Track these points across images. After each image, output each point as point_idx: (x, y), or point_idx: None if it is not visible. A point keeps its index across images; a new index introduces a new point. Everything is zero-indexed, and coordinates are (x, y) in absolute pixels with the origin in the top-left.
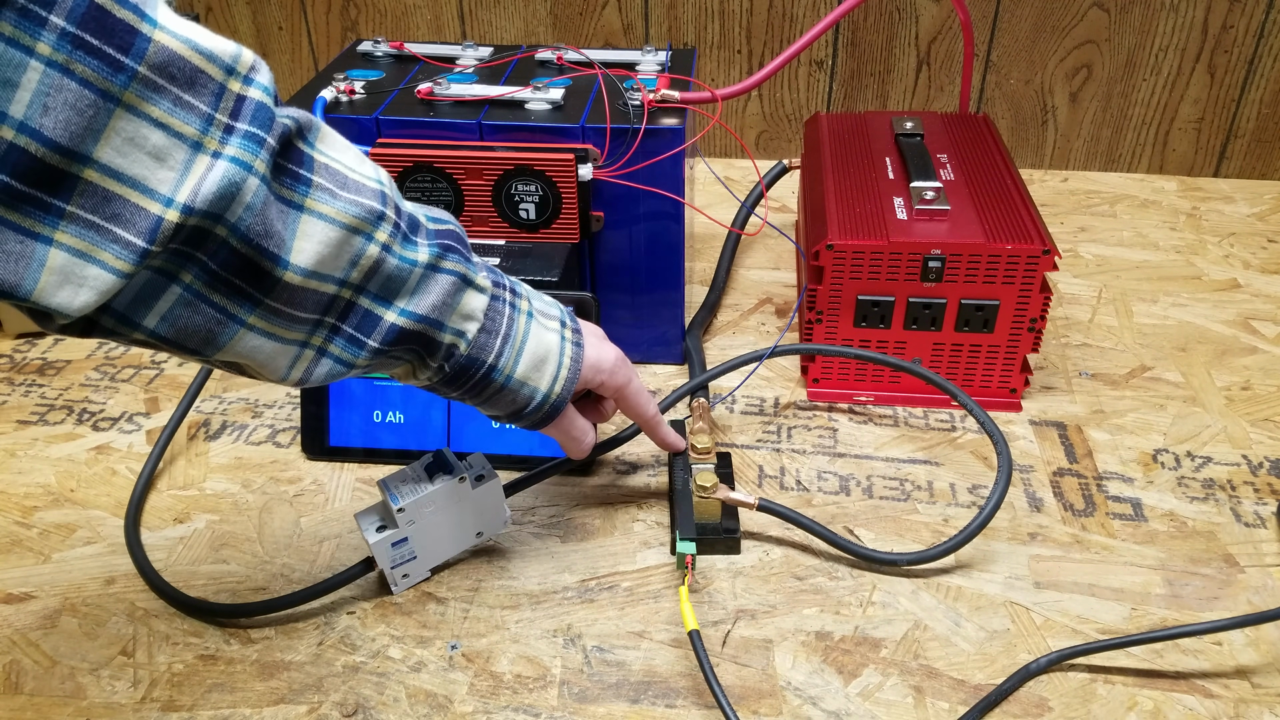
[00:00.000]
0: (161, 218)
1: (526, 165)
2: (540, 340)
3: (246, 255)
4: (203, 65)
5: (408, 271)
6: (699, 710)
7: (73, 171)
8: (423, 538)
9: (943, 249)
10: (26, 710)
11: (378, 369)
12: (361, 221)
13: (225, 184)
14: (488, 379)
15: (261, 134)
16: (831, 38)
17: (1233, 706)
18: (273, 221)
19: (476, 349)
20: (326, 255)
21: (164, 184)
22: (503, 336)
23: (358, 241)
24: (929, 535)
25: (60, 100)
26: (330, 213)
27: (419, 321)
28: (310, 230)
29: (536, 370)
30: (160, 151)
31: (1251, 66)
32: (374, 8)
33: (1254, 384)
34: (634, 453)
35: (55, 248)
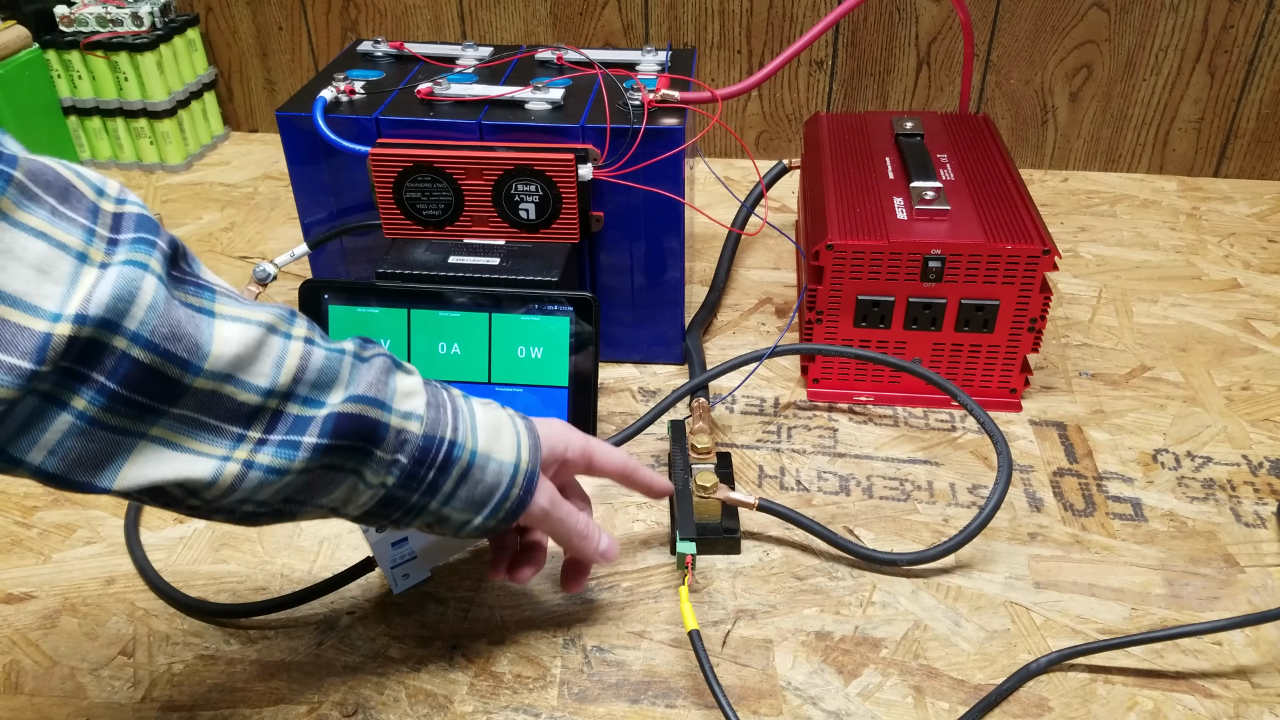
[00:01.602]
0: (50, 334)
1: (526, 165)
2: (487, 411)
3: (151, 365)
4: (74, 180)
5: (337, 361)
6: (699, 710)
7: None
8: (423, 538)
9: (943, 249)
10: (26, 710)
11: (314, 486)
12: (277, 319)
13: (121, 285)
14: (450, 459)
15: (151, 238)
16: (831, 38)
17: (1233, 706)
18: (181, 324)
19: (430, 425)
20: (245, 355)
21: (50, 299)
22: (452, 410)
23: (277, 341)
24: (929, 535)
25: None
26: (244, 314)
27: (358, 403)
28: (228, 334)
29: (497, 441)
30: (42, 264)
31: (1251, 66)
32: (374, 8)
33: (1254, 384)
34: (634, 452)
35: None
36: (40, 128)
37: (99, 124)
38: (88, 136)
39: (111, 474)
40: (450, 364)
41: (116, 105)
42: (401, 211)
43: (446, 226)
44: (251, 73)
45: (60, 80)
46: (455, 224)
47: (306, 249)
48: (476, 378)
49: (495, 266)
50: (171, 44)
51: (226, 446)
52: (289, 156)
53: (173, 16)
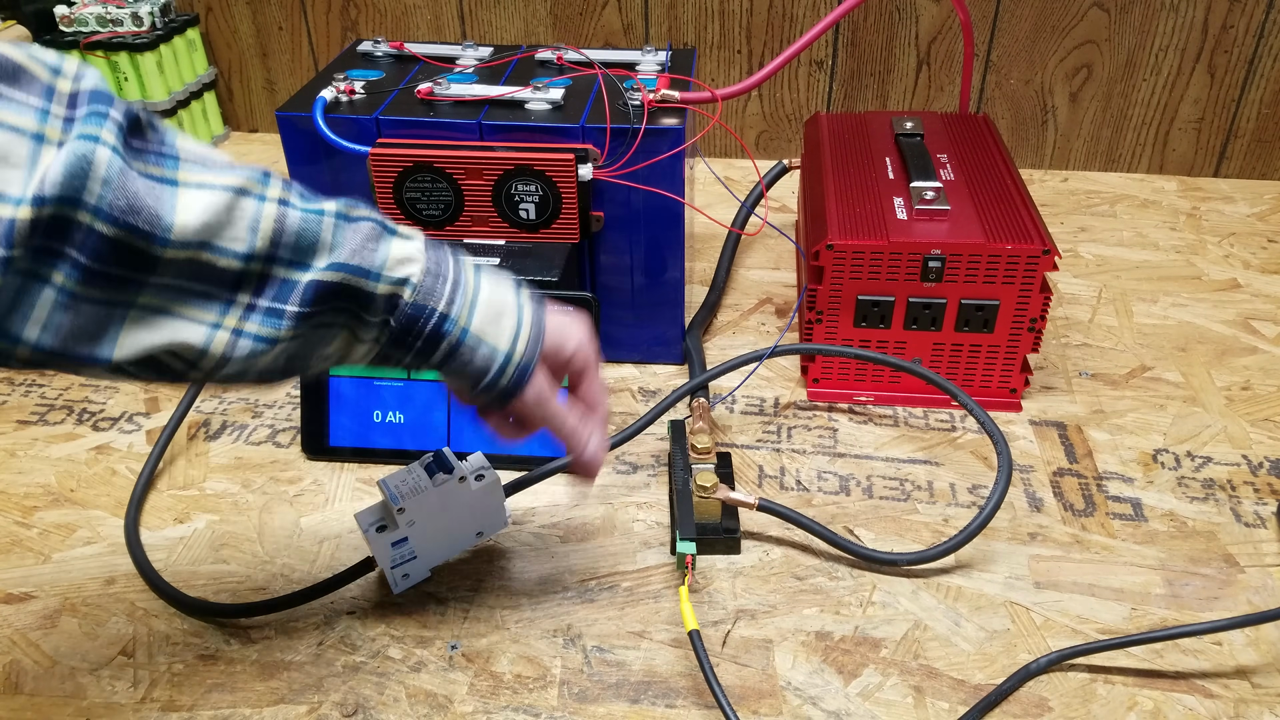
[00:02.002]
0: (13, 219)
1: (526, 165)
2: (495, 291)
3: (116, 239)
4: (26, 63)
5: (316, 222)
6: (699, 710)
7: None
8: (423, 538)
9: (943, 249)
10: (26, 710)
11: (311, 344)
12: (248, 182)
13: (73, 162)
14: (439, 332)
15: (104, 108)
16: (831, 38)
17: (1233, 706)
18: (140, 196)
19: (423, 294)
20: (215, 223)
21: (12, 184)
22: (452, 282)
23: (249, 202)
24: (929, 535)
25: None
26: (211, 180)
27: (340, 271)
28: (189, 201)
29: (494, 324)
30: (14, 152)
31: (1251, 66)
32: (374, 8)
33: (1254, 384)
34: (634, 452)
35: None
36: None
37: None
38: None
39: (108, 345)
40: None
41: None
42: (401, 211)
43: (446, 226)
44: (251, 73)
45: None
46: (455, 224)
47: None
48: None
49: (495, 266)
50: (171, 44)
51: (216, 313)
52: (289, 156)
53: (173, 16)
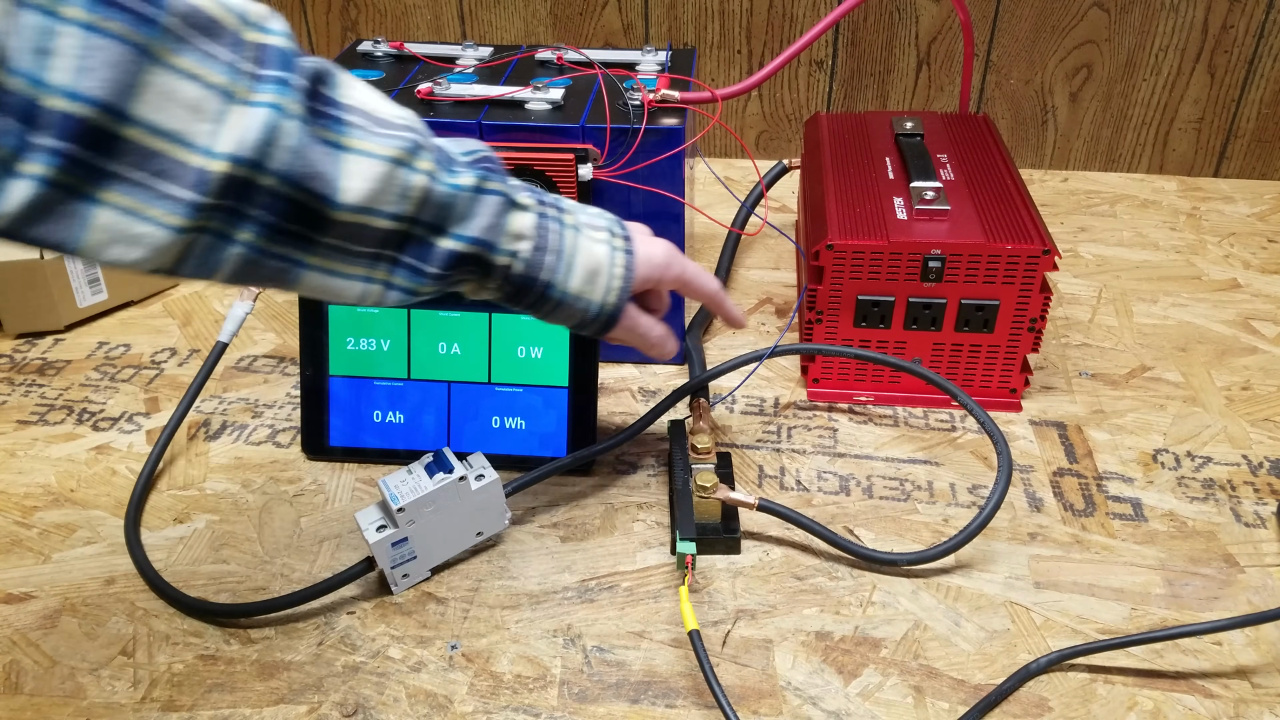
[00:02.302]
0: (205, 169)
1: (526, 165)
2: (590, 253)
3: (297, 200)
4: (219, 15)
5: (454, 196)
6: (699, 710)
7: (115, 130)
8: (423, 538)
9: (943, 249)
10: (26, 710)
11: (444, 291)
12: (402, 153)
13: (263, 129)
14: (545, 295)
15: (289, 76)
16: (831, 38)
17: (1233, 706)
18: (316, 162)
19: (532, 268)
20: (375, 190)
21: (202, 135)
22: (556, 253)
23: (403, 173)
24: (929, 535)
25: (98, 60)
26: (372, 148)
27: (474, 244)
28: (356, 168)
29: (590, 284)
30: (195, 104)
31: (1251, 66)
32: (374, 8)
33: (1254, 384)
34: (634, 452)
35: (103, 207)
36: None
37: None
38: None
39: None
40: (450, 364)
41: None
42: None
43: None
44: None
45: None
46: None
47: None
48: (476, 377)
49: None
50: None
51: (366, 267)
52: None
53: None
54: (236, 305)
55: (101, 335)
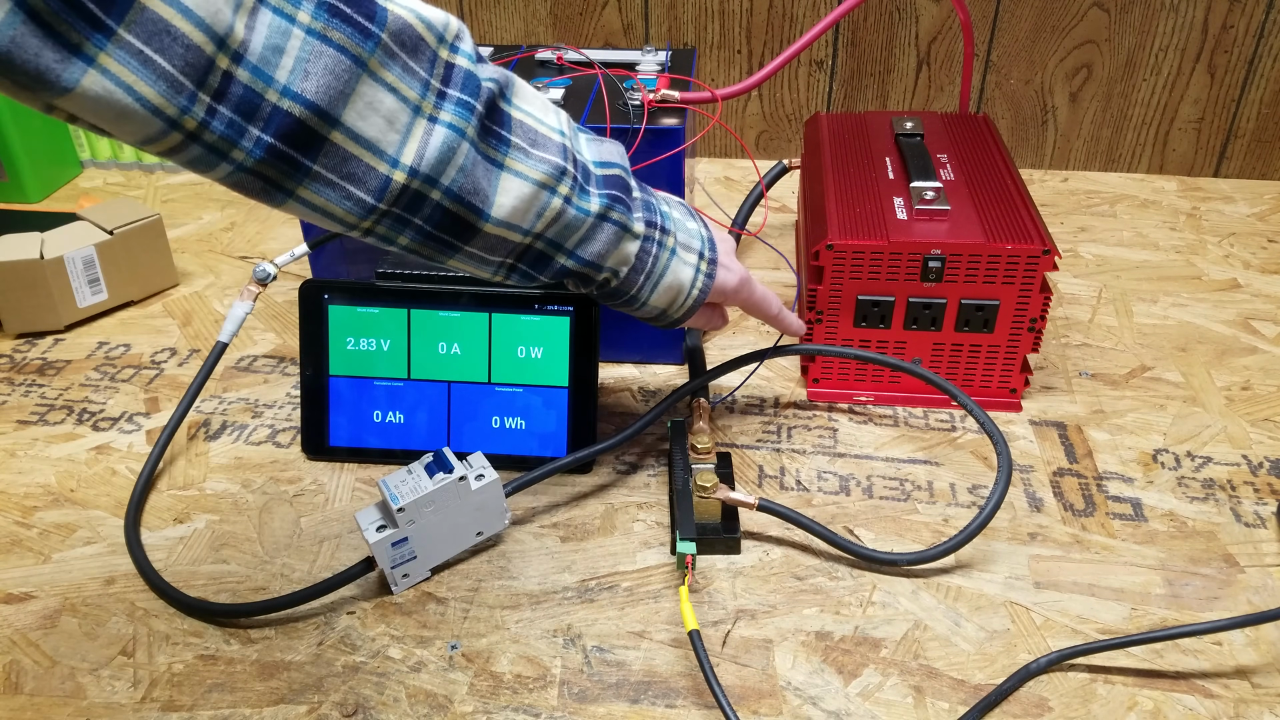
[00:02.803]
0: (389, 177)
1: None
2: (677, 276)
3: (455, 213)
4: (423, 33)
5: (580, 221)
6: (699, 710)
7: (323, 133)
8: (423, 538)
9: (943, 249)
10: (26, 710)
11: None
12: (549, 178)
13: (443, 149)
14: (629, 304)
15: (471, 100)
16: (831, 38)
17: (1233, 706)
18: (479, 180)
19: (625, 285)
20: (519, 208)
21: (391, 146)
22: (647, 274)
23: (544, 196)
24: (929, 535)
25: (319, 66)
26: (525, 170)
27: (584, 265)
28: (508, 186)
29: (669, 299)
30: (391, 115)
31: (1251, 66)
32: None
33: (1254, 384)
34: (634, 452)
35: (295, 200)
36: (40, 127)
37: None
38: (88, 136)
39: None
40: (450, 364)
41: None
42: None
43: None
44: None
45: None
46: None
47: (306, 249)
48: (476, 377)
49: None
50: None
51: (490, 270)
52: None
53: None
54: (236, 305)
55: (101, 335)
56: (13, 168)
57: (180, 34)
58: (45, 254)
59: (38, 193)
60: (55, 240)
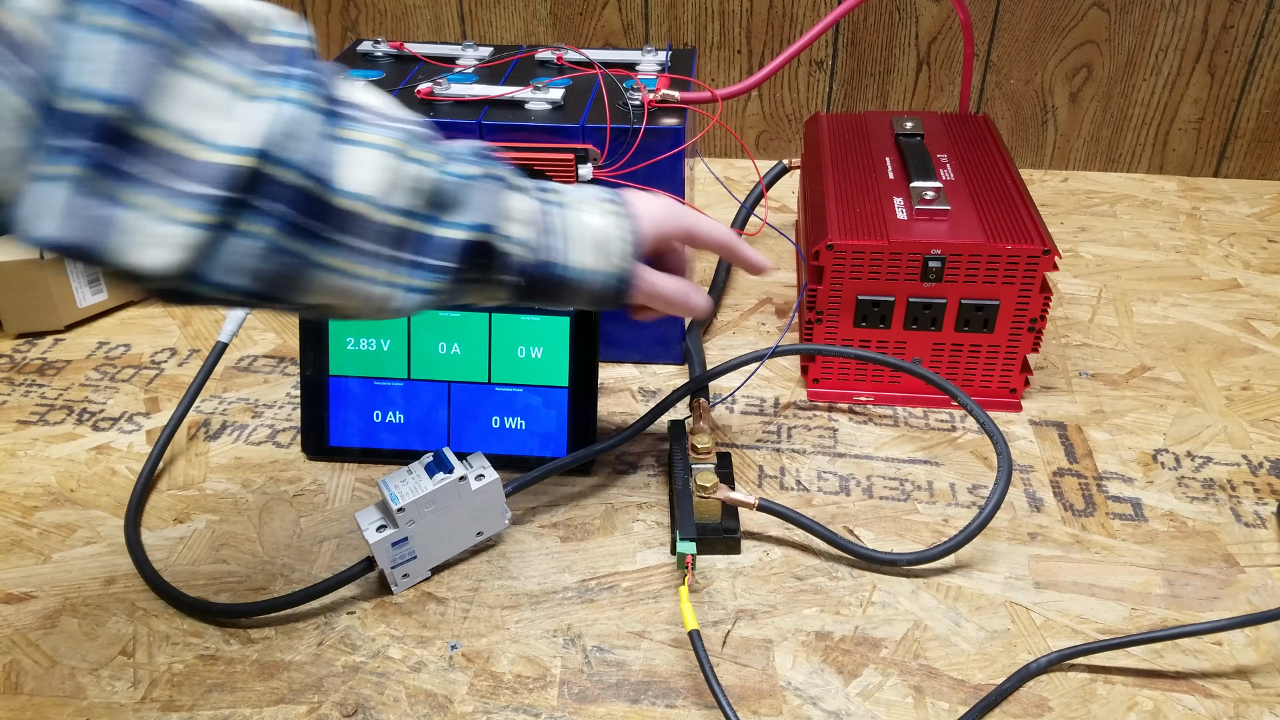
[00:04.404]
0: (225, 165)
1: (526, 165)
2: (591, 227)
3: (311, 191)
4: (225, 17)
5: (450, 183)
6: (699, 710)
7: (138, 133)
8: (423, 537)
9: (943, 249)
10: (26, 710)
11: (461, 296)
12: (403, 144)
13: (279, 122)
14: (558, 279)
15: (303, 72)
16: (831, 38)
17: (1233, 706)
18: (329, 153)
19: (539, 252)
20: (377, 179)
21: (223, 134)
22: (559, 234)
23: (399, 163)
24: (929, 535)
25: (127, 63)
26: (374, 139)
27: (474, 231)
28: (365, 159)
29: (599, 255)
30: (214, 103)
31: (1251, 66)
32: (374, 8)
33: (1254, 384)
34: (634, 452)
35: (130, 210)
36: None
37: None
38: None
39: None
40: (450, 364)
41: None
42: None
43: None
44: None
45: None
46: None
47: None
48: (476, 377)
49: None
50: None
51: (377, 267)
52: None
53: None
54: None
55: (101, 335)
56: None
57: None
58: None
59: None
60: None
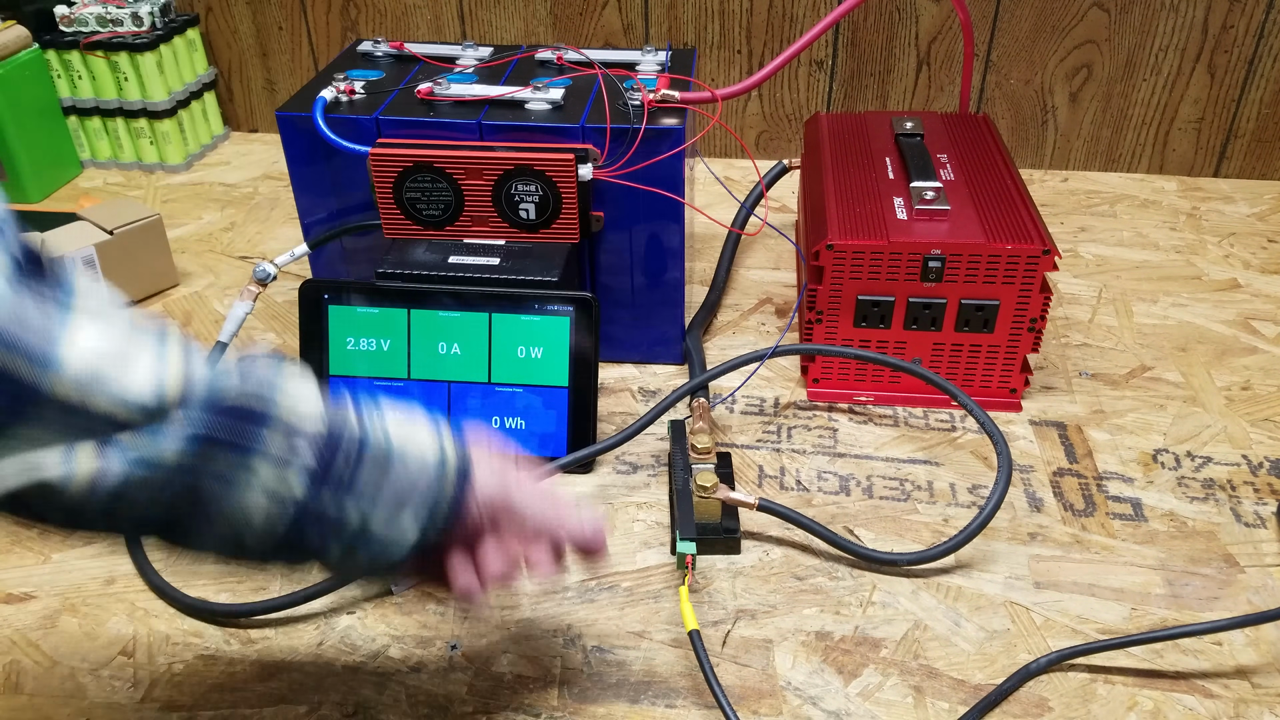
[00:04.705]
0: None
1: (526, 165)
2: (397, 412)
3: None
4: None
5: (221, 374)
6: (699, 710)
7: None
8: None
9: (943, 249)
10: (26, 710)
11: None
12: (145, 325)
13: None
14: (362, 450)
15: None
16: (831, 38)
17: (1233, 706)
18: (32, 318)
19: (334, 419)
20: (113, 356)
21: None
22: (355, 410)
23: (151, 346)
24: (929, 535)
25: None
26: (109, 314)
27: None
28: (86, 330)
29: (411, 433)
30: None
31: (1251, 66)
32: (374, 8)
33: (1254, 384)
34: (634, 452)
35: None
36: (40, 128)
37: (99, 124)
38: (88, 136)
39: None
40: (450, 364)
41: (116, 105)
42: (401, 211)
43: (446, 226)
44: (251, 73)
45: (60, 80)
46: (455, 224)
47: (306, 249)
48: (476, 377)
49: (495, 266)
50: (171, 44)
51: (92, 446)
52: (289, 156)
53: (173, 16)
54: (236, 305)
55: None
56: (13, 168)
57: None
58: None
59: (38, 193)
60: (55, 240)
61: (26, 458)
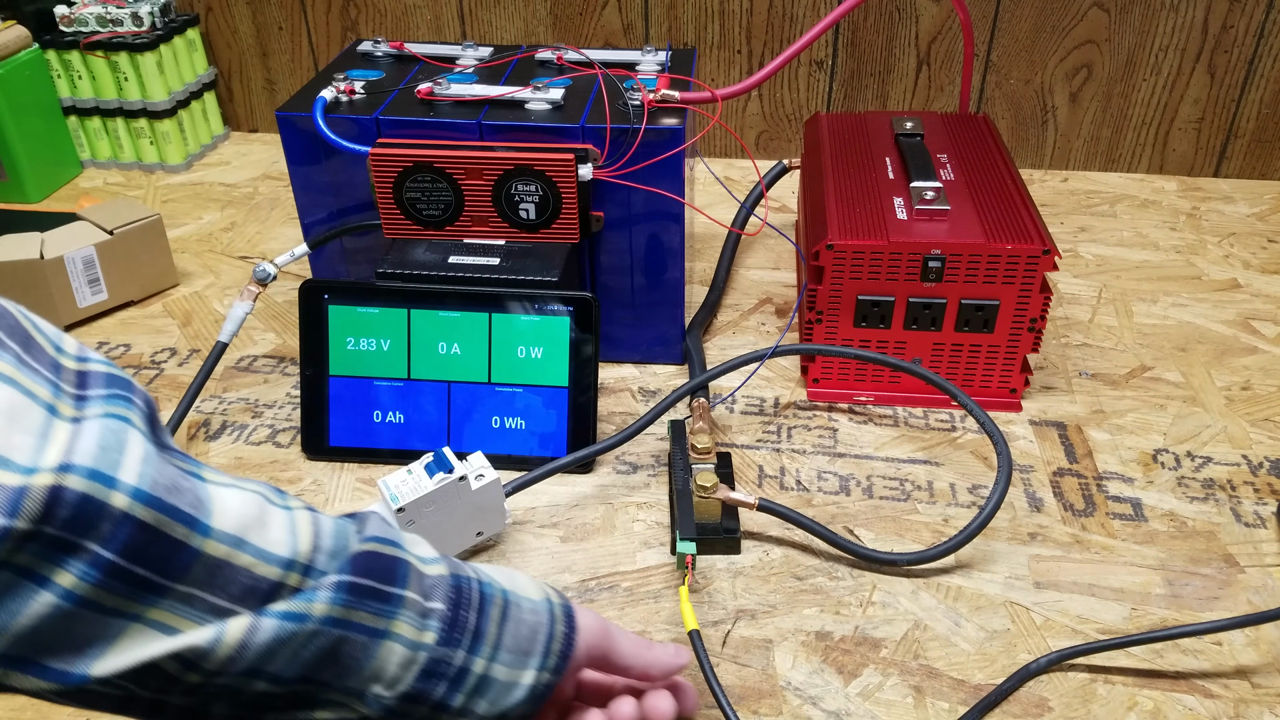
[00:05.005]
0: (25, 487)
1: (526, 165)
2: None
3: (154, 526)
4: (32, 332)
5: (345, 525)
6: (699, 710)
7: None
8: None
9: (943, 249)
10: (26, 710)
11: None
12: (269, 491)
13: (106, 437)
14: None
15: (126, 394)
16: (831, 38)
17: (1233, 706)
18: (178, 479)
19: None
20: (252, 520)
21: (21, 451)
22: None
23: (279, 509)
24: (929, 535)
25: None
26: (235, 482)
27: (373, 541)
28: (225, 495)
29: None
30: (12, 411)
31: (1251, 66)
32: (374, 8)
33: (1254, 384)
34: (634, 452)
35: None
36: (40, 128)
37: (99, 124)
38: (88, 136)
39: (90, 662)
40: (450, 364)
41: (116, 105)
42: (401, 211)
43: (446, 226)
44: (251, 73)
45: (60, 80)
46: (455, 224)
47: (306, 249)
48: (476, 378)
49: (495, 266)
50: (171, 44)
51: (240, 607)
52: (289, 156)
53: (173, 16)
54: (236, 305)
55: (101, 335)
56: (13, 168)
57: None
58: (45, 254)
59: (38, 193)
60: (55, 240)
61: (170, 624)
